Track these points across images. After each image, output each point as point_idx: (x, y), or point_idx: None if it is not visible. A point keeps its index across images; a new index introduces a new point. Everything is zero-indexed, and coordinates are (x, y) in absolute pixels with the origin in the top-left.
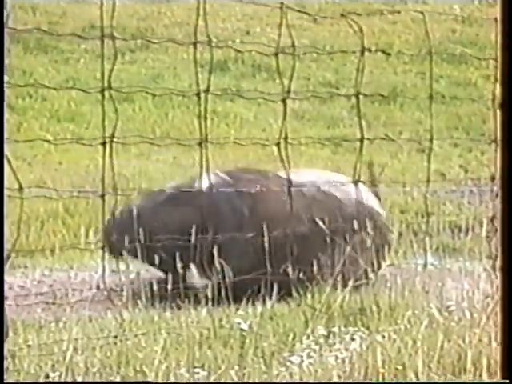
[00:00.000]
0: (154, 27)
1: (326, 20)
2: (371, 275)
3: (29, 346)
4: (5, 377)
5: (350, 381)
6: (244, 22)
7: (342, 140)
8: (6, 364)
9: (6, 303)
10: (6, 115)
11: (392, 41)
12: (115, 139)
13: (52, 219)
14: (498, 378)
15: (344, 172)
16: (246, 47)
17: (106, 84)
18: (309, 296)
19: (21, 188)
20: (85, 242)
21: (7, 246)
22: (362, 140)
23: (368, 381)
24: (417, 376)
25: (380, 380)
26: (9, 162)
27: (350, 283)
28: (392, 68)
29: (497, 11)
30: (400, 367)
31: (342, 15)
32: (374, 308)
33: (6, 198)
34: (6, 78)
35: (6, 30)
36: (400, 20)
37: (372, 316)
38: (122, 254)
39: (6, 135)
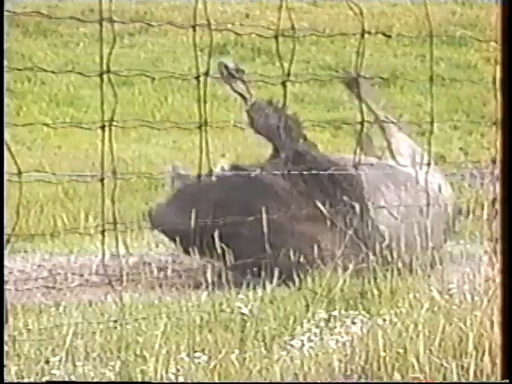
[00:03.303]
0: (153, 10)
1: (325, 3)
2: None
3: (29, 331)
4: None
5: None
6: (243, 4)
7: (342, 123)
8: (6, 348)
9: (6, 287)
10: (6, 99)
11: (392, 23)
12: (114, 123)
13: (51, 203)
14: (497, 378)
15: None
16: (246, 30)
17: (105, 68)
18: (309, 279)
19: (20, 172)
20: (84, 226)
21: (7, 230)
22: (362, 123)
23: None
24: (418, 359)
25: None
26: (8, 146)
27: (351, 267)
28: (392, 51)
29: None
30: (401, 351)
31: None
32: (375, 291)
33: (5, 183)
34: (5, 62)
35: (5, 13)
36: (400, 2)
37: (373, 299)
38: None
39: (5, 119)
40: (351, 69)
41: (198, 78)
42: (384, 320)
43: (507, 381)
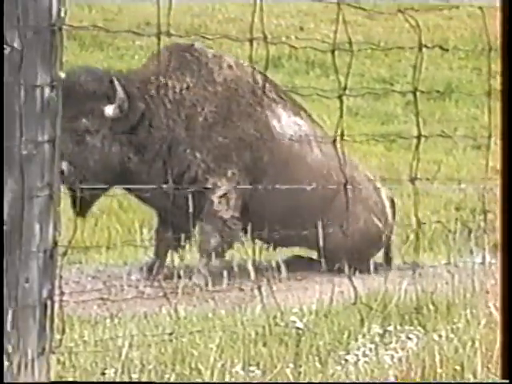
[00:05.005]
0: (208, 23)
1: (380, 16)
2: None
3: (84, 342)
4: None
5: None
6: (298, 18)
7: (396, 136)
8: (62, 359)
9: (63, 299)
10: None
11: (447, 36)
12: None
13: (106, 215)
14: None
15: (398, 169)
16: (300, 43)
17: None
18: (364, 294)
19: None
20: (139, 238)
21: (63, 242)
22: (419, 137)
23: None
24: (475, 376)
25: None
26: None
27: (405, 282)
28: (447, 64)
29: None
30: (458, 367)
31: (399, 11)
32: (431, 307)
33: (61, 195)
34: (63, 75)
35: (63, 27)
36: (456, 15)
37: (428, 315)
38: None
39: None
40: (405, 82)
41: (254, 91)
42: (440, 336)
43: (507, 381)
